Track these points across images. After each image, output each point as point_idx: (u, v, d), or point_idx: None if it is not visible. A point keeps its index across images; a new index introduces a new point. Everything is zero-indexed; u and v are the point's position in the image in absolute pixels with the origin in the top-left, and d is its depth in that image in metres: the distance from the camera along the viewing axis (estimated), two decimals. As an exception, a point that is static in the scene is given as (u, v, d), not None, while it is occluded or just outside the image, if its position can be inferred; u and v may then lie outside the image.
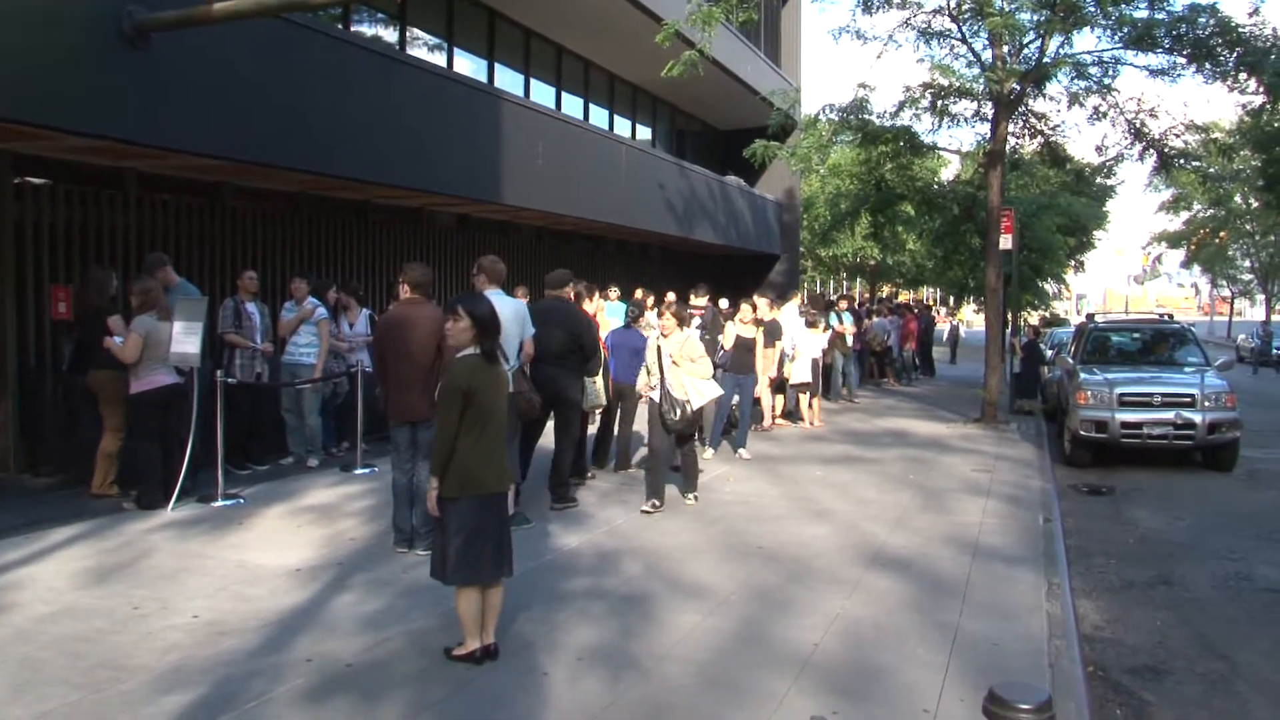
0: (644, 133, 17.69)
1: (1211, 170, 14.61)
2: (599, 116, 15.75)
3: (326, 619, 4.17)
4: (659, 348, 6.59)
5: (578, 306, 6.45)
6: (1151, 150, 11.89)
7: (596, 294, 8.24)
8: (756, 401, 10.16)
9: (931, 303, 62.27)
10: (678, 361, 6.29)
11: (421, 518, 4.91)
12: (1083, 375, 10.13)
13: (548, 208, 11.56)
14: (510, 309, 5.21)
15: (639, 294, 13.54)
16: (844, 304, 15.03)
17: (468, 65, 12.61)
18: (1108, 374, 10.03)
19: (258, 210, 8.88)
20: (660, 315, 6.71)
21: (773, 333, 10.02)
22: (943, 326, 38.04)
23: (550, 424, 6.37)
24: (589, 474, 7.01)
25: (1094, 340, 11.58)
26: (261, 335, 7.12)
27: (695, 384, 6.32)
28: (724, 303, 12.91)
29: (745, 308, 8.73)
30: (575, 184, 12.12)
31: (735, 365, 8.56)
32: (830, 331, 12.71)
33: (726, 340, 8.71)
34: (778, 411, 10.86)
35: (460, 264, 11.67)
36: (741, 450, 8.69)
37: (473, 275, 5.29)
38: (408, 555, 5.08)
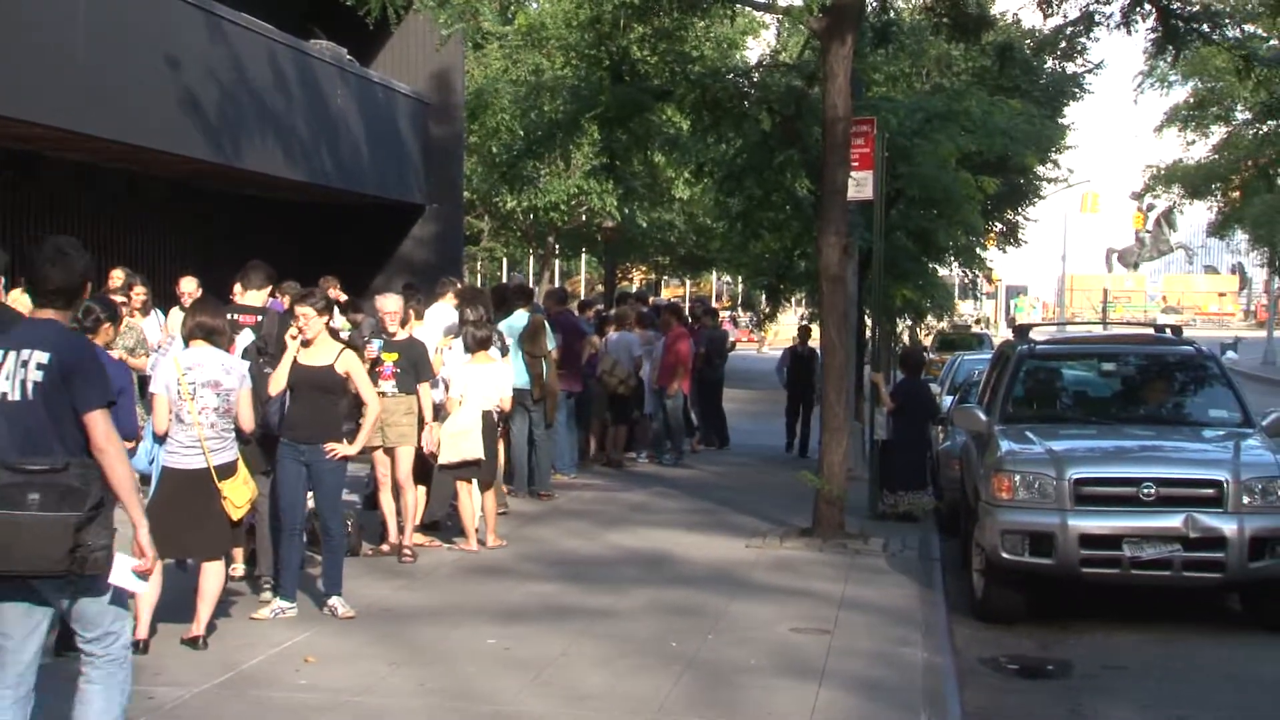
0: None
1: (1271, 42, 15.19)
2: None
3: None
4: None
5: None
6: (1147, 3, 12.18)
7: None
8: (370, 502, 11.26)
9: (725, 303, 65.26)
10: None
11: None
12: (1006, 445, 10.59)
13: None
14: None
15: (117, 276, 13.12)
16: (549, 299, 15.59)
17: None
18: (1054, 441, 10.52)
19: None
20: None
21: (414, 361, 10.84)
22: (763, 350, 39.15)
23: None
24: None
25: (1029, 376, 12.10)
26: None
27: None
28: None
29: (306, 310, 8.99)
30: None
31: (301, 428, 8.94)
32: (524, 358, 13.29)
33: (276, 378, 9.03)
34: (416, 519, 11.23)
35: None
36: (335, 600, 9.08)
37: None
38: None
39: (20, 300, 9.01)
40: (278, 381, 8.90)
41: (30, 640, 5.20)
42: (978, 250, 26.23)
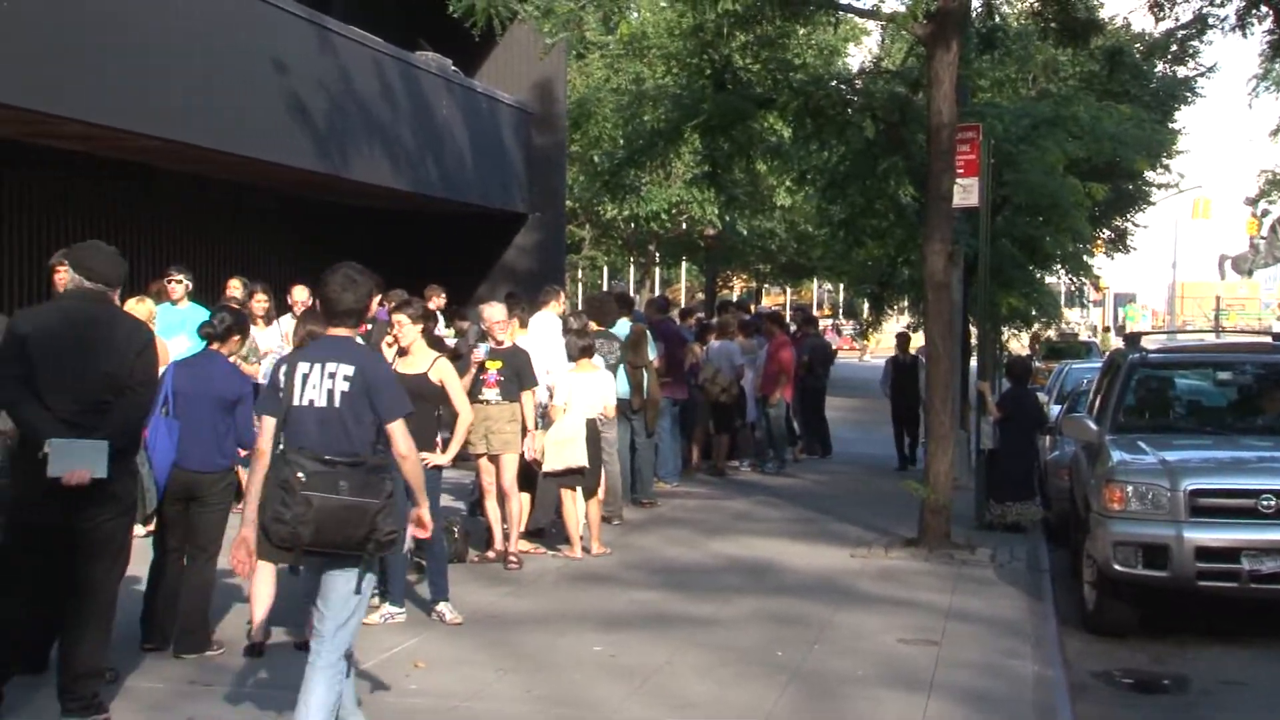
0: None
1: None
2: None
3: None
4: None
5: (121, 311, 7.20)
6: (1263, 4, 12.19)
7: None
8: (475, 509, 11.31)
9: (825, 311, 64.77)
10: None
11: None
12: (1118, 455, 10.48)
13: (13, 100, 12.15)
14: None
15: (235, 286, 13.23)
16: (649, 308, 15.66)
17: None
18: (1167, 451, 10.40)
19: None
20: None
21: (518, 369, 10.80)
22: (864, 358, 38.82)
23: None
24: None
25: (1141, 385, 11.99)
26: None
27: None
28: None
29: (400, 318, 9.13)
30: (77, 55, 12.59)
31: None
32: (621, 367, 13.24)
33: None
34: (521, 526, 11.22)
35: None
36: (443, 606, 9.14)
37: None
38: None
39: (138, 308, 9.23)
40: None
41: (338, 611, 5.81)
42: (1085, 257, 25.86)
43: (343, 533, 5.66)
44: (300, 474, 5.61)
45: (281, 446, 5.87)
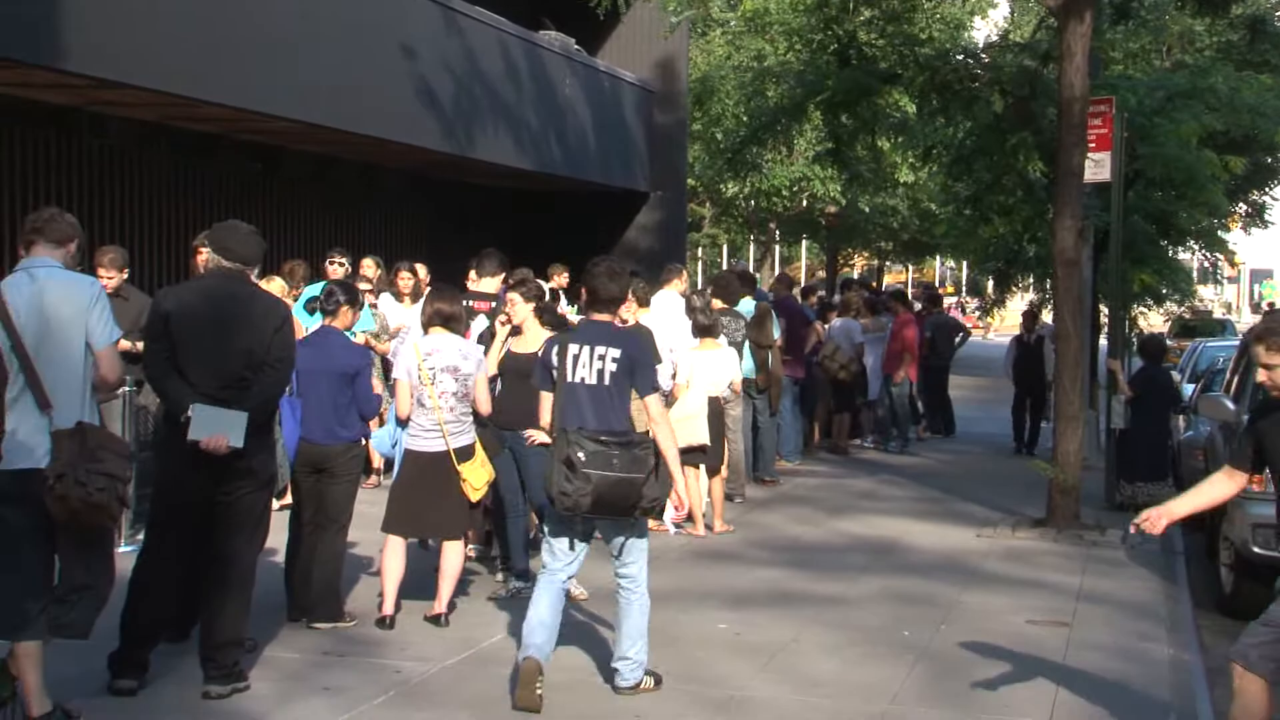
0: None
1: None
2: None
3: None
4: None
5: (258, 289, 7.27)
6: None
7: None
8: None
9: (948, 289, 63.67)
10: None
11: None
12: None
13: (155, 84, 12.32)
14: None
15: (368, 265, 13.34)
16: (778, 284, 15.51)
17: None
18: None
19: None
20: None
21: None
22: (988, 336, 38.28)
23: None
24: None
25: None
26: None
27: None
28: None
29: (513, 296, 9.16)
30: (216, 40, 12.91)
31: (507, 413, 8.86)
32: (746, 345, 13.07)
33: (489, 364, 9.06)
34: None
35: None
36: (570, 583, 9.07)
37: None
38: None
39: (272, 286, 9.45)
40: (489, 367, 9.05)
41: (577, 561, 6.93)
42: (1220, 233, 25.24)
43: (616, 501, 6.52)
44: (580, 454, 6.44)
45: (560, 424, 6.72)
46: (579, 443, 6.49)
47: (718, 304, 12.30)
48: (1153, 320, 26.16)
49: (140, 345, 7.34)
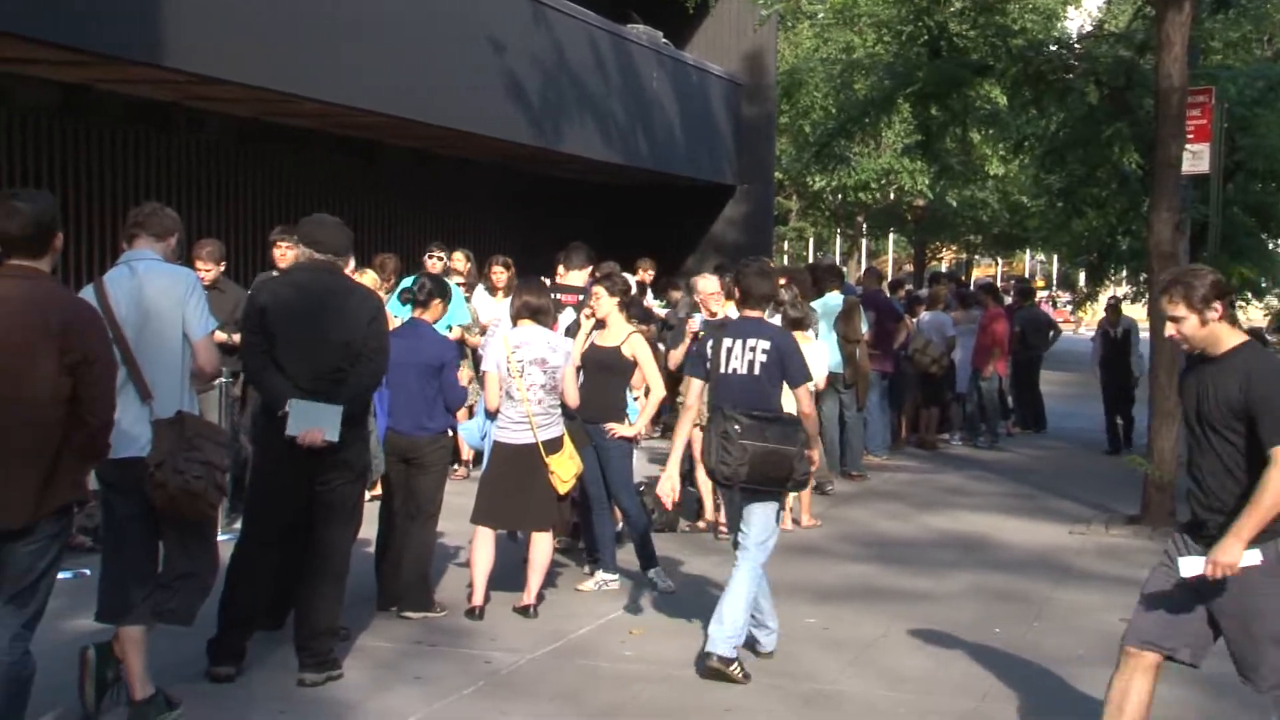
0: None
1: None
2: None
3: None
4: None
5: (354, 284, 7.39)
6: None
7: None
8: (689, 479, 10.92)
9: (1039, 282, 62.61)
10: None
11: None
12: None
13: (252, 80, 12.57)
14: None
15: (459, 259, 13.38)
16: (867, 278, 15.36)
17: None
18: None
19: None
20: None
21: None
22: (1079, 330, 37.56)
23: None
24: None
25: None
26: None
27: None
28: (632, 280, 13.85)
29: (598, 290, 9.12)
30: (312, 39, 13.21)
31: (587, 407, 8.77)
32: (835, 339, 13.15)
33: (573, 357, 8.97)
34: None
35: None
36: (654, 573, 9.05)
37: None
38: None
39: (365, 279, 9.54)
40: (574, 359, 9.06)
41: (759, 533, 7.18)
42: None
43: (769, 472, 6.90)
44: (736, 426, 6.84)
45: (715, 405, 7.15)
46: (734, 417, 6.86)
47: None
48: (1252, 315, 25.63)
49: (236, 337, 7.46)
